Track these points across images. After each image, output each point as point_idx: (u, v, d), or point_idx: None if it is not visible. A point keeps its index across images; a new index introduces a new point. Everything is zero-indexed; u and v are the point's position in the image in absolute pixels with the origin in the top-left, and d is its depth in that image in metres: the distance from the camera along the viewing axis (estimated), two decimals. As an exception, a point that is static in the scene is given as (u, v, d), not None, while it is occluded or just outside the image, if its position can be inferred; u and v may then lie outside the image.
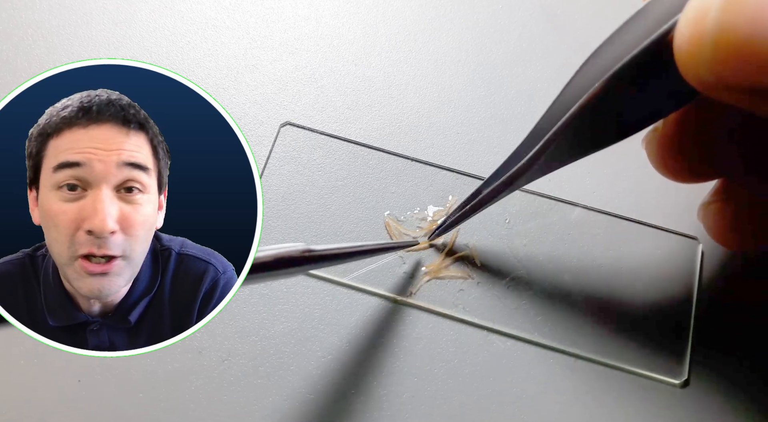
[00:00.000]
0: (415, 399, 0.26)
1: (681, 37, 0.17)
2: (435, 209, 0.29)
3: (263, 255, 0.19)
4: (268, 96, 0.31)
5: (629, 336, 0.27)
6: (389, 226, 0.28)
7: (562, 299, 0.28)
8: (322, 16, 0.33)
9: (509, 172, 0.23)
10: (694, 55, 0.16)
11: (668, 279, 0.28)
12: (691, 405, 0.26)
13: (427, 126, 0.31)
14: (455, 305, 0.27)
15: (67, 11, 0.33)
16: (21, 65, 0.31)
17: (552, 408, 0.26)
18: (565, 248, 0.29)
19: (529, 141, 0.23)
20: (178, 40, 0.32)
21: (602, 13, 0.34)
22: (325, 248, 0.21)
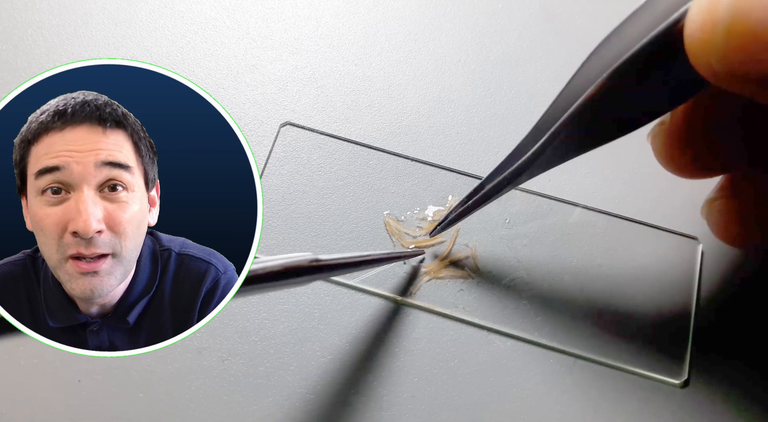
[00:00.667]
0: (415, 399, 0.26)
1: (692, 24, 0.16)
2: (435, 209, 0.29)
3: (271, 265, 0.19)
4: (268, 96, 0.31)
5: (629, 336, 0.27)
6: (389, 225, 0.28)
7: (562, 300, 0.28)
8: (322, 16, 0.33)
9: (512, 167, 0.23)
10: (706, 43, 0.16)
11: (668, 279, 0.28)
12: (691, 405, 0.26)
13: (427, 126, 0.31)
14: (455, 305, 0.27)
15: (67, 11, 0.33)
16: (21, 65, 0.31)
17: (552, 408, 0.26)
18: (565, 248, 0.29)
19: (531, 136, 0.23)
20: (178, 40, 0.32)
21: (602, 13, 0.34)
22: (332, 258, 0.21)
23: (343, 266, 0.22)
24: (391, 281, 0.28)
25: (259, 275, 0.19)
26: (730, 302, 0.28)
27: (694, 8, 0.16)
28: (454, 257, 0.28)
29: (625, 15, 0.20)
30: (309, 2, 0.34)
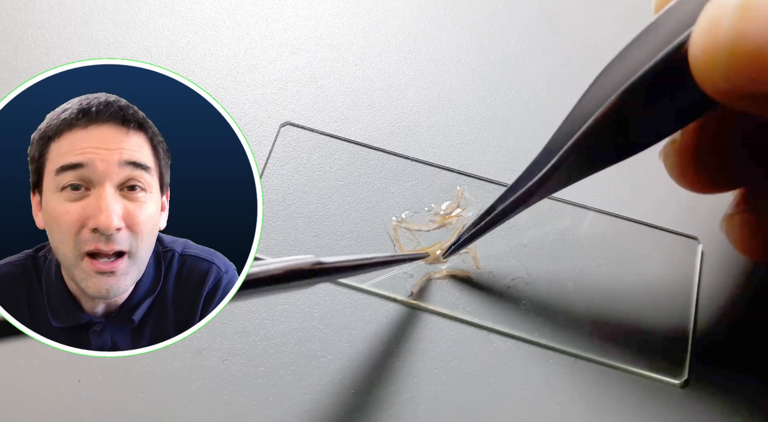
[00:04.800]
0: (415, 399, 0.26)
1: (696, 46, 0.17)
2: (448, 203, 0.29)
3: (273, 267, 0.19)
4: (268, 96, 0.31)
5: (629, 336, 0.27)
6: (395, 231, 0.28)
7: (562, 300, 0.28)
8: (322, 16, 0.33)
9: (522, 189, 0.23)
10: (710, 64, 0.16)
11: (668, 279, 0.28)
12: (691, 405, 0.26)
13: (427, 126, 0.31)
14: (455, 305, 0.27)
15: (67, 11, 0.33)
16: (21, 65, 0.31)
17: (552, 408, 0.26)
18: (565, 248, 0.29)
19: (542, 158, 0.23)
20: (178, 40, 0.32)
21: (602, 13, 0.34)
22: (335, 261, 0.21)
23: (346, 269, 0.22)
24: (391, 281, 0.28)
25: (260, 278, 0.19)
26: (731, 302, 0.28)
27: (696, 30, 0.17)
28: (455, 257, 0.28)
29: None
30: (309, 2, 0.34)
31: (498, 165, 0.30)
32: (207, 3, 0.33)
